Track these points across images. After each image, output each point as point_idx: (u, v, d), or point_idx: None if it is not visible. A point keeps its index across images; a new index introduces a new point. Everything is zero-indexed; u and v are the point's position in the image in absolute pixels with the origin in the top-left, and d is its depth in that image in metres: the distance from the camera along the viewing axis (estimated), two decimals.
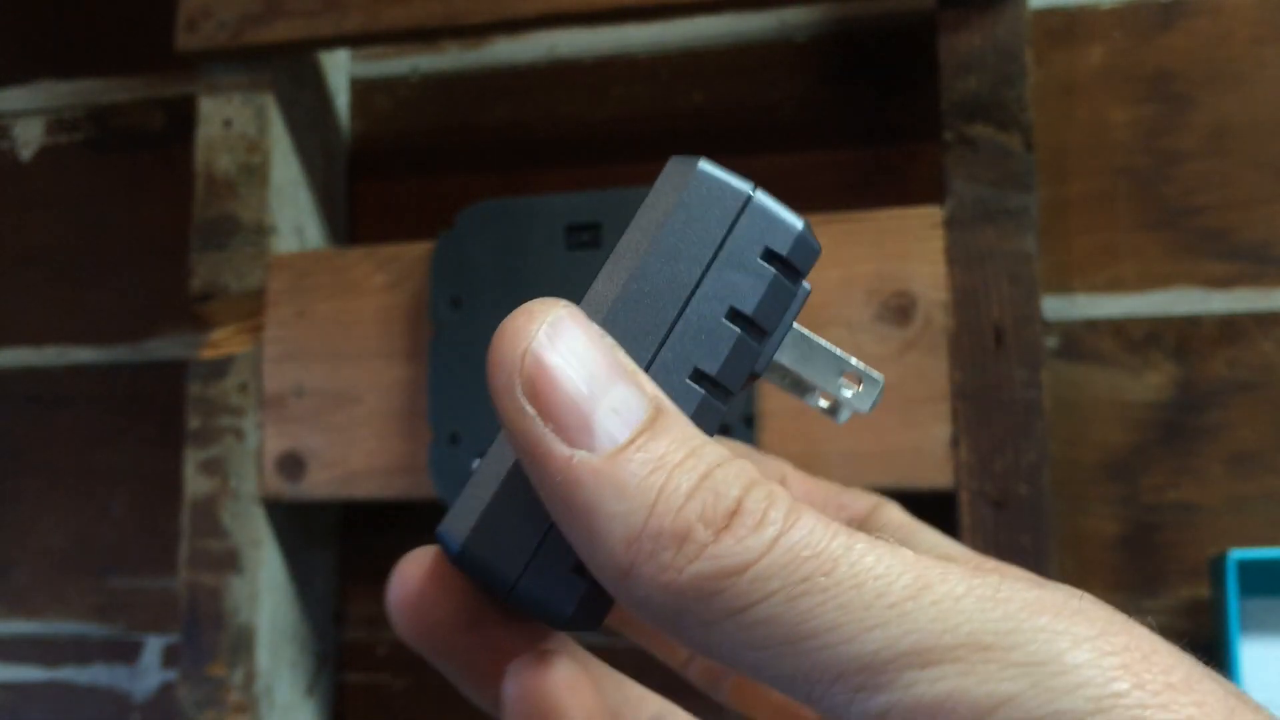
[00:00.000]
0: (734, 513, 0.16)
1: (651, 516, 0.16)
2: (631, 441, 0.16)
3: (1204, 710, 0.15)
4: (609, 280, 0.19)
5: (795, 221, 0.19)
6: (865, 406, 0.21)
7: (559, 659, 0.19)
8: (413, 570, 0.19)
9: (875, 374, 0.21)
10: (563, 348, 0.17)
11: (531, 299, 0.18)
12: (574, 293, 0.21)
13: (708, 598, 0.16)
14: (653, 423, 0.17)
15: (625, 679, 0.22)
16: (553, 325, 0.17)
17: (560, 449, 0.16)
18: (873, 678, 0.15)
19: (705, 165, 0.19)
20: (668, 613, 0.16)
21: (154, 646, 0.73)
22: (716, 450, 0.17)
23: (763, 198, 0.19)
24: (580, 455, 0.16)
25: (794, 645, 0.16)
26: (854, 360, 0.21)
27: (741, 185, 0.19)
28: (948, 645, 0.15)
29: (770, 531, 0.16)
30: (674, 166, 0.20)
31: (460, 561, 0.19)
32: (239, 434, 0.63)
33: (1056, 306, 0.63)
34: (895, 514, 0.25)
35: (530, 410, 0.16)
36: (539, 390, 0.16)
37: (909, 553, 0.16)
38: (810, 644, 0.16)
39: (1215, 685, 0.15)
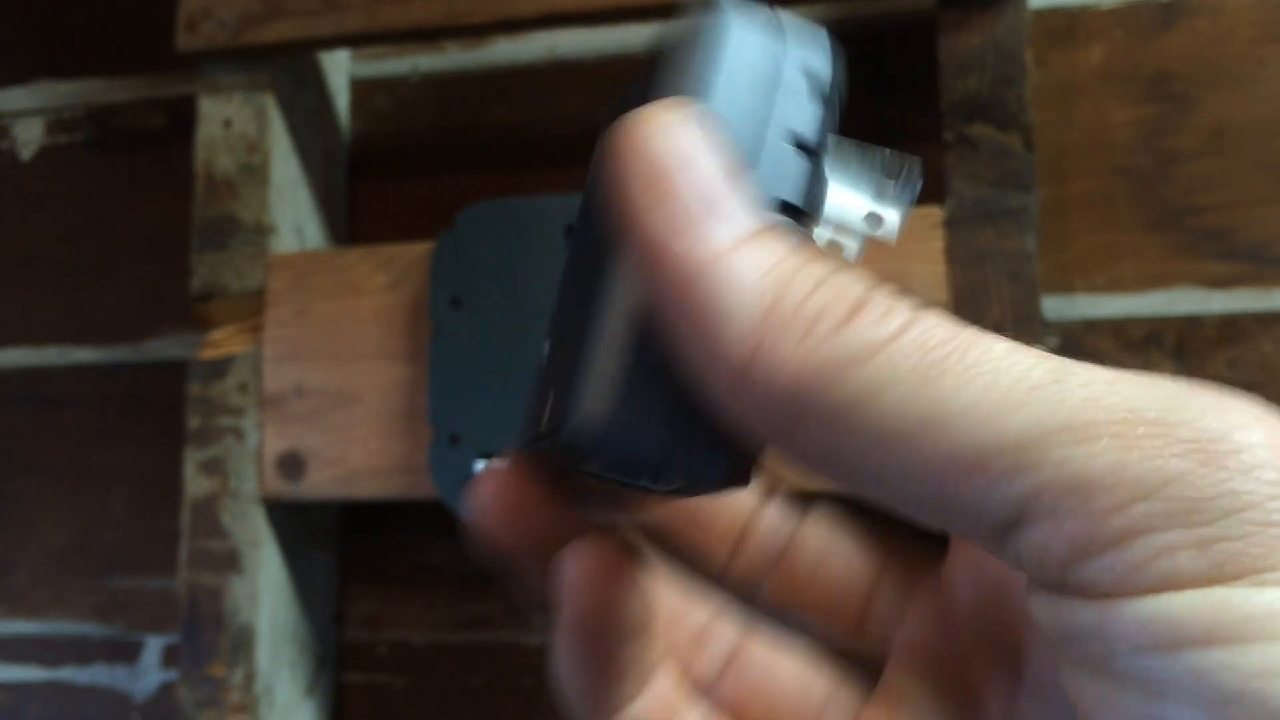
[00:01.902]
0: (860, 305, 0.15)
1: (775, 305, 0.15)
2: (752, 238, 0.16)
3: None
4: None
5: (823, 35, 0.19)
6: (910, 196, 0.20)
7: (617, 539, 0.19)
8: (497, 472, 0.20)
9: (909, 156, 0.20)
10: (685, 136, 0.16)
11: (531, 299, 0.20)
12: None
13: (836, 384, 0.15)
14: (767, 231, 0.16)
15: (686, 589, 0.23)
16: (671, 120, 0.16)
17: (680, 240, 0.16)
18: (1020, 456, 0.14)
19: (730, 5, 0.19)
20: (788, 408, 0.15)
21: (154, 646, 0.73)
22: (832, 258, 0.16)
23: (790, 20, 0.19)
24: (700, 245, 0.16)
25: (928, 432, 0.15)
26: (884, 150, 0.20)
27: (771, 15, 0.19)
28: (1105, 420, 0.14)
29: (900, 319, 0.15)
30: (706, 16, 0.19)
31: (600, 448, 0.17)
32: (239, 434, 0.63)
33: (1056, 306, 0.63)
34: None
35: (652, 205, 0.16)
36: (661, 182, 0.16)
37: (1044, 351, 0.15)
38: (947, 429, 0.14)
39: None
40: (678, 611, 0.22)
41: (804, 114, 0.18)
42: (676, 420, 0.17)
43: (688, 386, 0.17)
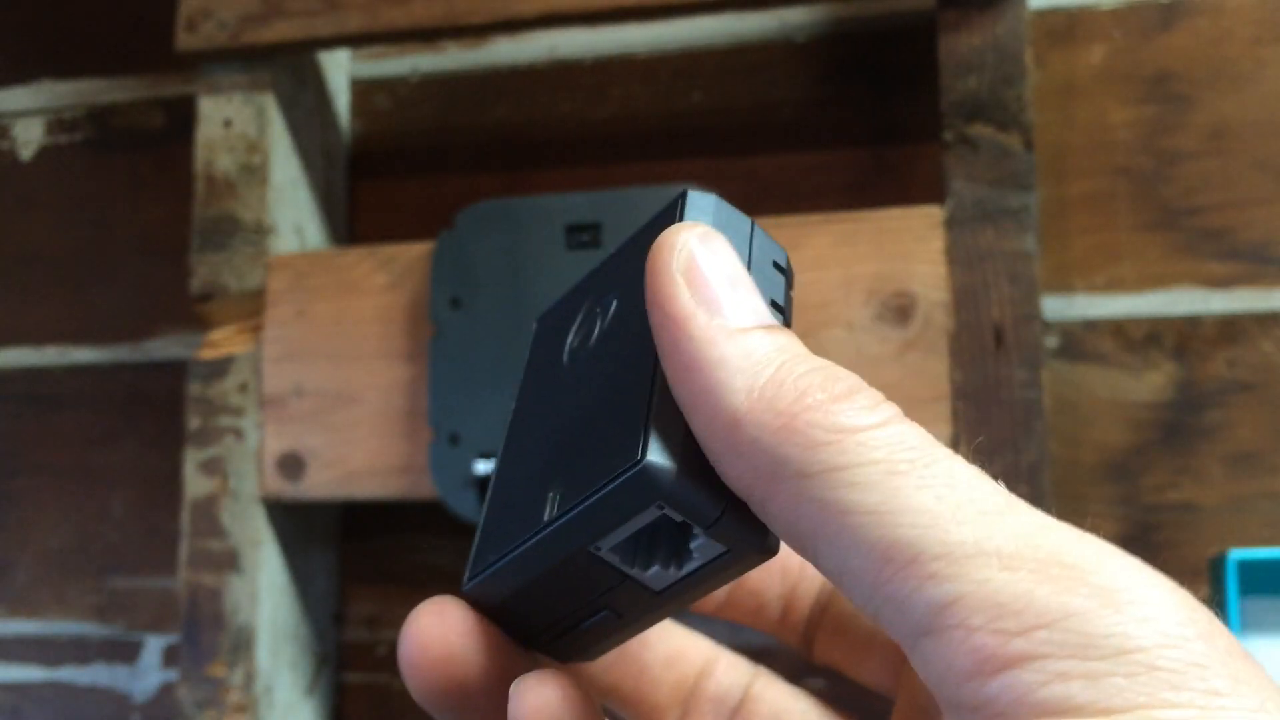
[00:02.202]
0: (850, 392, 0.18)
1: (776, 373, 0.18)
2: (761, 327, 0.19)
3: (1257, 683, 0.15)
4: None
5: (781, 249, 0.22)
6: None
7: (563, 678, 0.19)
8: (440, 623, 0.21)
9: None
10: (716, 247, 0.19)
11: (531, 299, 0.21)
12: None
13: (813, 450, 0.17)
14: (777, 328, 0.19)
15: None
16: (706, 232, 0.20)
17: (703, 315, 0.18)
18: (949, 566, 0.16)
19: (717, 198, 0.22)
20: (769, 465, 0.17)
21: (154, 646, 0.73)
22: (833, 373, 0.19)
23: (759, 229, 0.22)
24: (719, 321, 0.18)
25: (881, 517, 0.16)
26: None
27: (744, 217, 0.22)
28: (1030, 556, 0.16)
29: (883, 414, 0.18)
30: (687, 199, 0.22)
31: (673, 492, 0.19)
32: (239, 434, 0.63)
33: (1056, 306, 0.63)
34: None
35: (683, 285, 0.19)
36: (693, 272, 0.19)
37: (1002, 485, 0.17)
38: (897, 520, 0.16)
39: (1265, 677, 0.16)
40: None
41: (775, 249, 0.22)
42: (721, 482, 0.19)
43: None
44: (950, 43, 0.58)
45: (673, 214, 0.21)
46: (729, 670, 0.24)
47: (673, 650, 0.24)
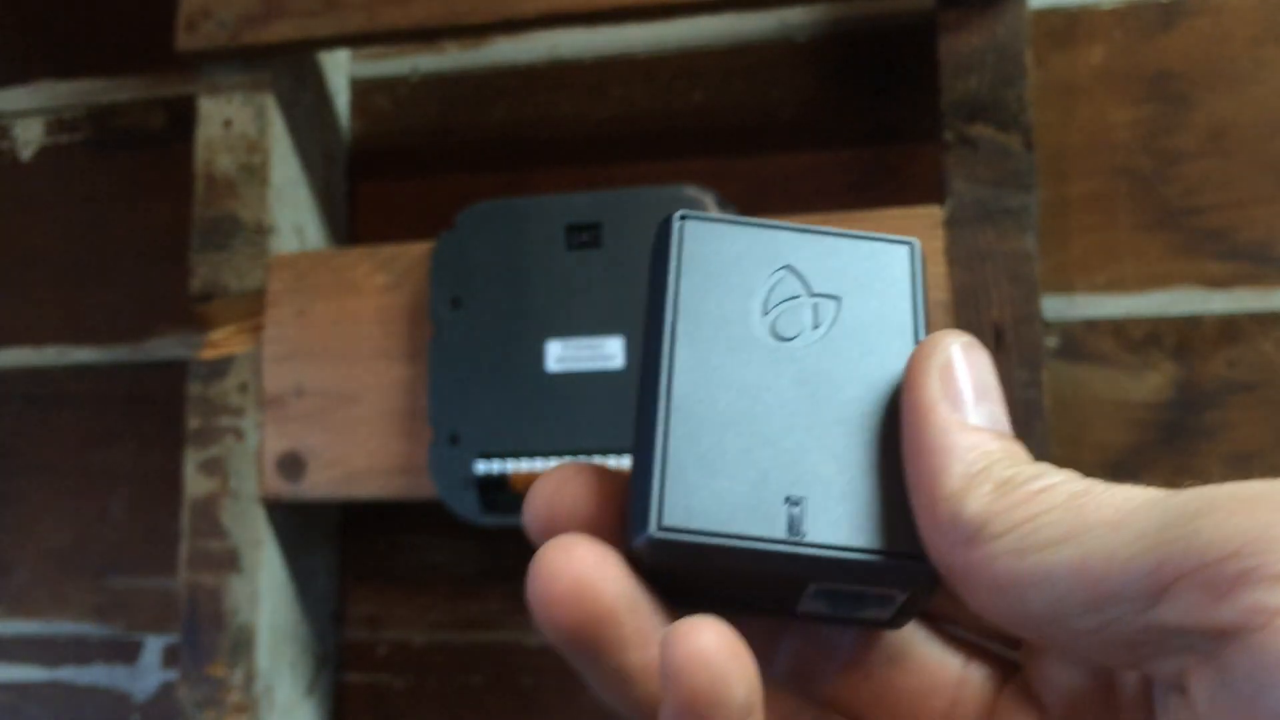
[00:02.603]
0: (1041, 473, 0.20)
1: (987, 466, 0.20)
2: (992, 431, 0.21)
3: None
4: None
5: None
6: None
7: (718, 623, 0.19)
8: (580, 554, 0.21)
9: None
10: (976, 358, 0.22)
11: (531, 299, 0.21)
12: (574, 293, 0.23)
13: (1006, 510, 0.19)
14: (1008, 437, 0.21)
15: (764, 676, 0.23)
16: (971, 343, 0.22)
17: (945, 408, 0.21)
18: (1156, 547, 0.18)
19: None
20: (974, 526, 0.19)
21: (154, 646, 0.73)
22: (1043, 467, 0.21)
23: None
24: (958, 416, 0.21)
25: (1073, 541, 0.18)
26: None
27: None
28: (1217, 500, 0.18)
29: (1065, 473, 0.20)
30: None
31: (924, 591, 0.21)
32: (239, 434, 0.63)
33: (1056, 306, 0.63)
34: None
35: (937, 380, 0.21)
36: (947, 369, 0.22)
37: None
38: (1087, 538, 0.18)
39: None
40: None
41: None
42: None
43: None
44: (950, 43, 0.58)
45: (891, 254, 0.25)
46: (971, 703, 0.24)
47: (924, 680, 0.24)
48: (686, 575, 0.21)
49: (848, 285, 0.24)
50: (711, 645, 0.19)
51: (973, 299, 0.56)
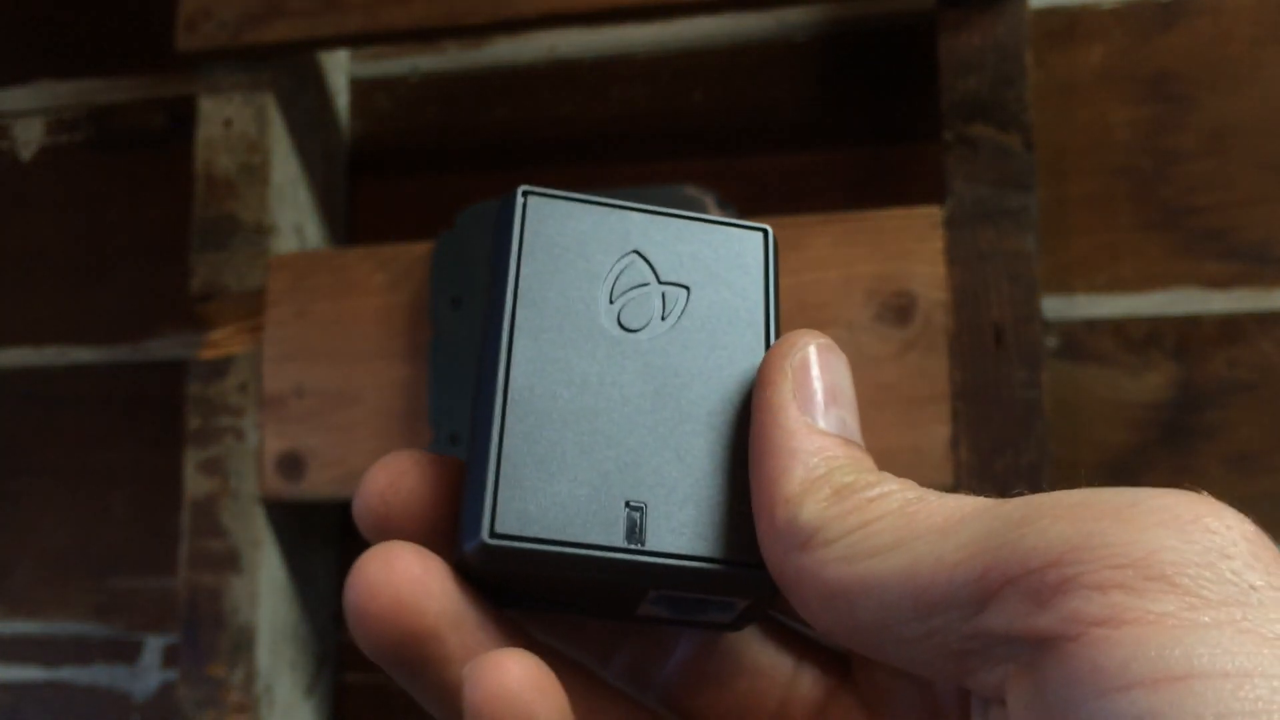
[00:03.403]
0: (880, 480, 0.20)
1: (827, 472, 0.20)
2: (841, 438, 0.21)
3: None
4: None
5: None
6: None
7: (524, 656, 0.19)
8: (401, 566, 0.20)
9: None
10: (831, 361, 0.22)
11: None
12: None
13: (841, 517, 0.19)
14: (855, 445, 0.21)
15: (596, 680, 0.22)
16: (829, 344, 0.22)
17: (795, 410, 0.21)
18: (973, 551, 0.18)
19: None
20: (808, 532, 0.19)
21: (154, 646, 0.73)
22: (865, 460, 0.21)
23: None
24: (807, 418, 0.21)
25: (901, 548, 0.18)
26: None
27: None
28: (1036, 510, 0.18)
29: (902, 481, 0.20)
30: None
31: (764, 599, 0.21)
32: (239, 434, 0.63)
33: (1056, 306, 0.63)
34: None
35: (790, 379, 0.21)
36: (801, 370, 0.21)
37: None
38: (916, 545, 0.18)
39: None
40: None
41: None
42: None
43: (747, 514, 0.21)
44: (950, 43, 0.58)
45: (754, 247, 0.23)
46: (801, 704, 0.23)
47: (756, 680, 0.23)
48: (521, 581, 0.20)
49: (698, 273, 0.23)
50: (515, 683, 0.18)
51: (973, 299, 0.56)
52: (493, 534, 0.20)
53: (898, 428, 0.56)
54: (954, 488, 0.55)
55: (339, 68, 0.75)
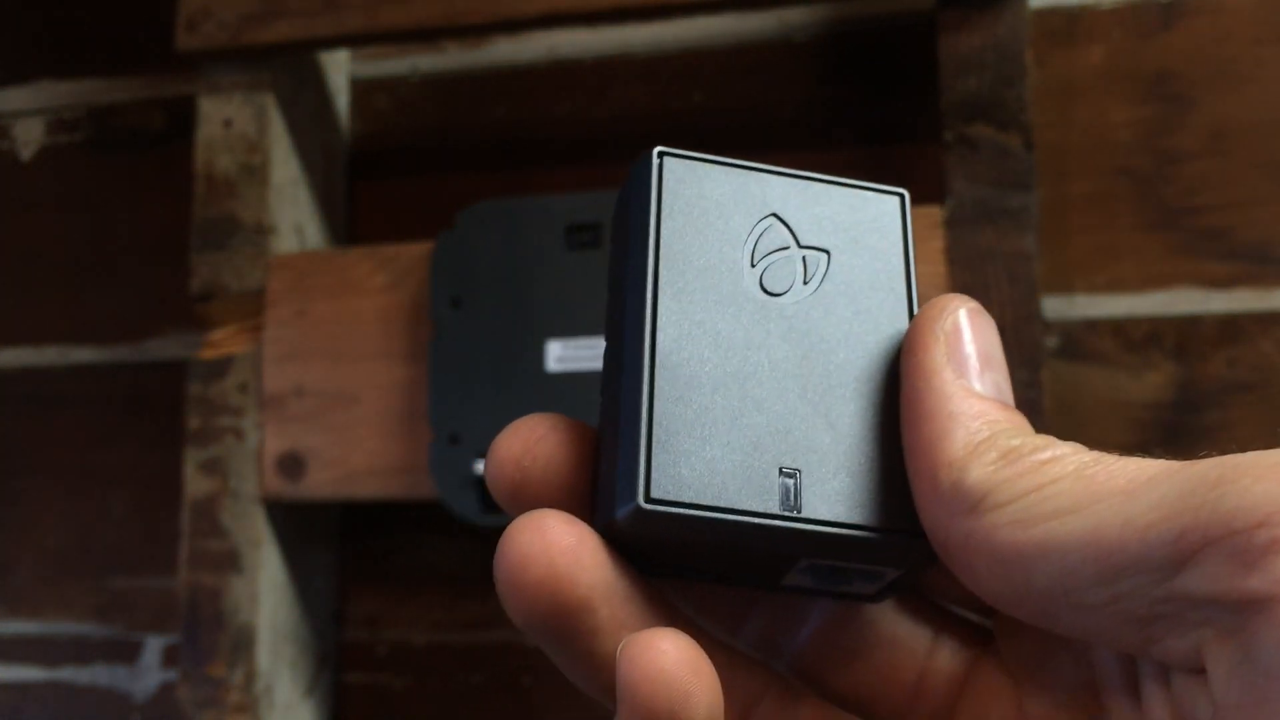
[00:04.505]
0: (1048, 444, 0.19)
1: (991, 435, 0.19)
2: (997, 400, 0.20)
3: None
4: None
5: None
6: None
7: (678, 637, 0.18)
8: (555, 536, 0.19)
9: None
10: (982, 324, 0.21)
11: (531, 299, 0.20)
12: (574, 293, 0.22)
13: (1011, 480, 0.19)
14: (1013, 409, 0.20)
15: (732, 650, 0.22)
16: (978, 309, 0.22)
17: (950, 372, 0.20)
18: (1171, 510, 0.17)
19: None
20: (977, 495, 0.19)
21: (154, 646, 0.73)
22: (1050, 439, 0.20)
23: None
24: (963, 381, 0.20)
25: (1082, 512, 0.18)
26: None
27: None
28: (1240, 467, 0.17)
29: (1072, 446, 0.19)
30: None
31: (919, 568, 0.20)
32: (239, 434, 0.63)
33: (1056, 306, 0.63)
34: None
35: (943, 343, 0.21)
36: (955, 336, 0.21)
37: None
38: (1096, 507, 0.18)
39: None
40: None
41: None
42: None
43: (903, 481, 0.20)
44: (950, 43, 0.58)
45: (884, 201, 0.23)
46: (940, 676, 0.23)
47: (893, 651, 0.23)
48: (671, 548, 0.20)
49: (837, 237, 0.23)
50: (671, 662, 0.18)
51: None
52: (649, 498, 0.19)
53: None
54: None
55: (339, 68, 0.75)
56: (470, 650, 0.69)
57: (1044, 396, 0.55)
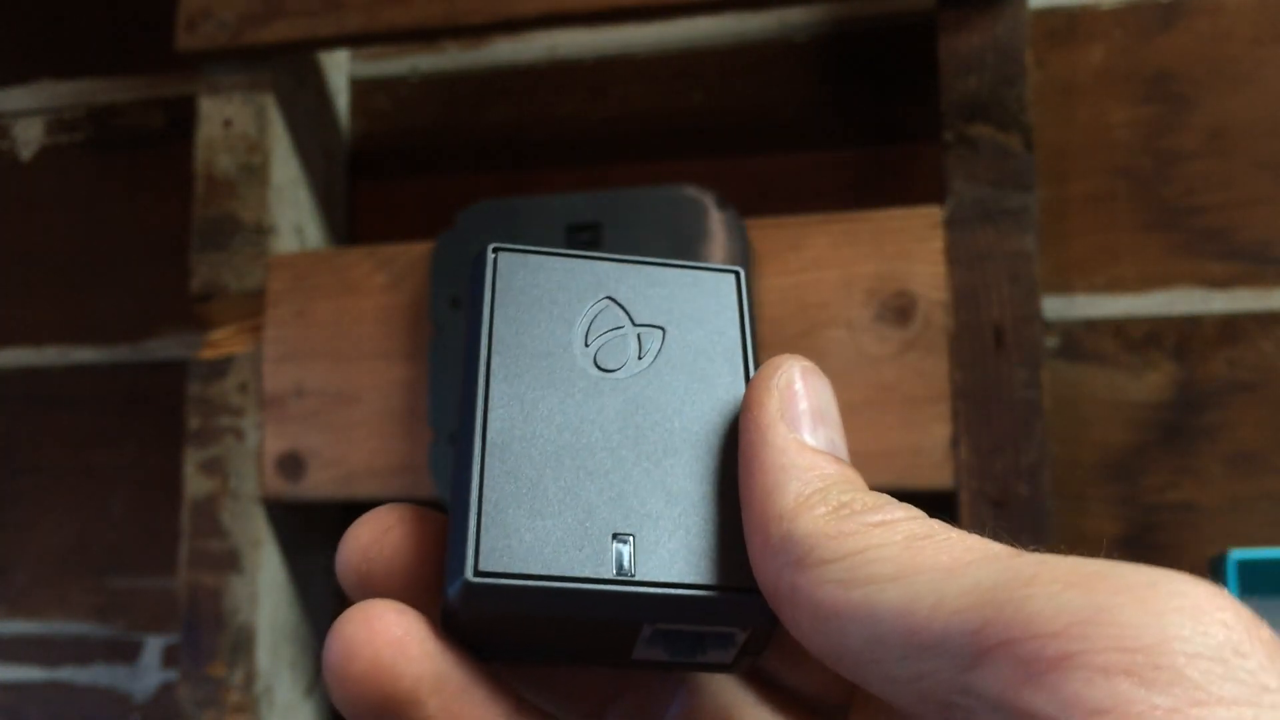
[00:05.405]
0: (882, 504, 0.19)
1: (823, 487, 0.20)
2: (830, 455, 0.20)
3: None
4: None
5: None
6: None
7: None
8: (381, 627, 0.19)
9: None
10: (815, 383, 0.21)
11: None
12: None
13: (841, 536, 0.18)
14: (847, 465, 0.21)
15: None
16: (811, 368, 0.22)
17: (784, 428, 0.20)
18: (975, 600, 0.17)
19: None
20: (800, 550, 0.19)
21: (154, 646, 0.73)
22: (885, 499, 0.20)
23: None
24: (795, 436, 0.20)
25: (901, 581, 0.18)
26: None
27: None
28: (1050, 575, 0.17)
29: (910, 511, 0.19)
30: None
31: (765, 627, 0.20)
32: (239, 434, 0.63)
33: (1056, 306, 0.63)
34: None
35: (777, 399, 0.21)
36: (788, 390, 0.21)
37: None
38: (917, 578, 0.17)
39: None
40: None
41: None
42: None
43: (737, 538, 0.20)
44: (950, 43, 0.58)
45: (718, 281, 0.24)
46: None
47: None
48: (510, 627, 0.20)
49: (672, 315, 0.23)
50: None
51: (973, 299, 0.56)
52: (477, 572, 0.19)
53: (898, 428, 0.56)
54: (954, 488, 0.55)
55: (339, 68, 0.75)
56: None
57: (1044, 396, 0.55)
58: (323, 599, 0.70)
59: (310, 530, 0.68)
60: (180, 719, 0.62)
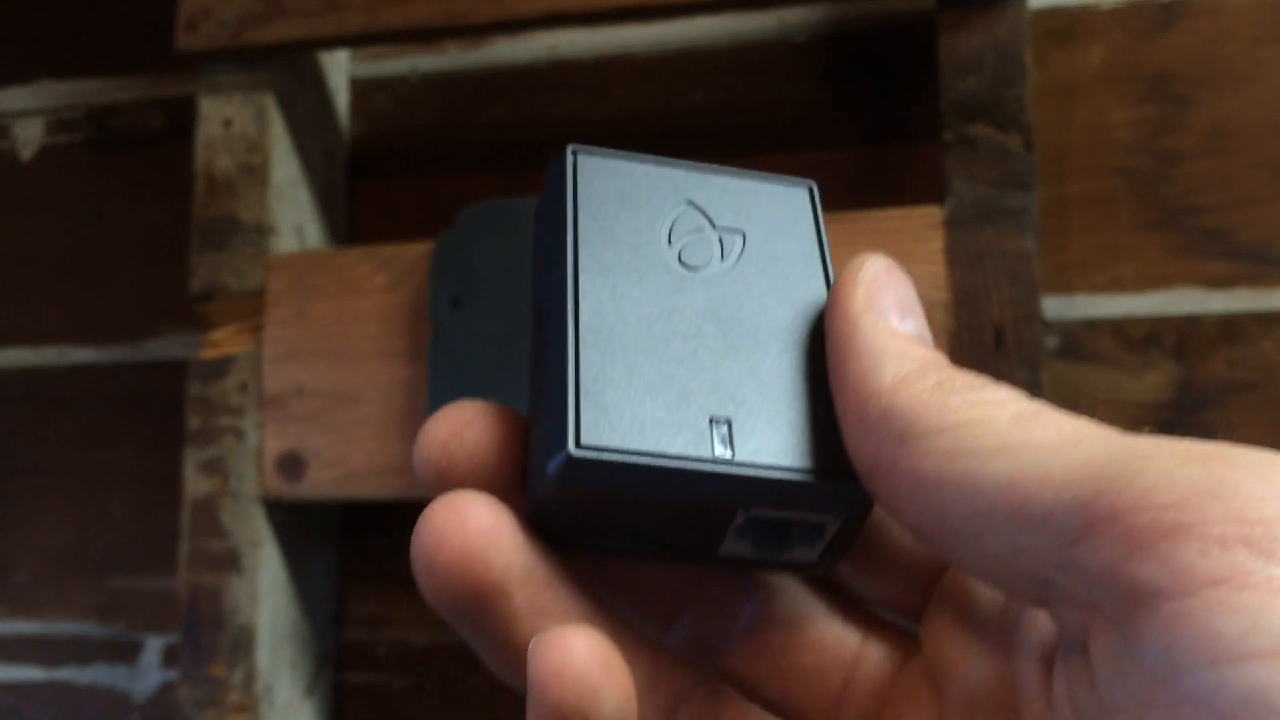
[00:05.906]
0: (984, 382, 0.19)
1: (919, 367, 0.19)
2: (919, 339, 0.20)
3: None
4: None
5: None
6: None
7: (590, 633, 0.18)
8: (472, 516, 0.19)
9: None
10: (899, 278, 0.21)
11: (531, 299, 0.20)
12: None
13: (945, 410, 0.18)
14: (930, 345, 0.21)
15: (659, 648, 0.22)
16: (893, 264, 0.22)
17: (872, 317, 0.20)
18: (1082, 473, 0.16)
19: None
20: (901, 424, 0.18)
21: (154, 646, 0.73)
22: (988, 379, 0.20)
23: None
24: (884, 323, 0.20)
25: (1009, 454, 0.17)
26: None
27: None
28: (1163, 450, 0.17)
29: (1012, 390, 0.19)
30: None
31: (859, 515, 0.20)
32: (239, 434, 0.63)
33: (1056, 306, 0.63)
34: None
35: (863, 292, 0.21)
36: (874, 283, 0.21)
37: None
38: (1023, 453, 0.17)
39: None
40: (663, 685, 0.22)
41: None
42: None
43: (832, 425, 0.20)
44: (950, 43, 0.58)
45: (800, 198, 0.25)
46: (866, 681, 0.22)
47: (820, 655, 0.22)
48: (601, 512, 0.19)
49: (751, 222, 0.23)
50: (580, 659, 0.18)
51: (972, 299, 0.56)
52: (580, 445, 0.19)
53: None
54: None
55: (339, 68, 0.75)
56: (470, 650, 0.69)
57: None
58: (323, 599, 0.70)
59: (310, 530, 0.69)
60: (180, 719, 0.62)
